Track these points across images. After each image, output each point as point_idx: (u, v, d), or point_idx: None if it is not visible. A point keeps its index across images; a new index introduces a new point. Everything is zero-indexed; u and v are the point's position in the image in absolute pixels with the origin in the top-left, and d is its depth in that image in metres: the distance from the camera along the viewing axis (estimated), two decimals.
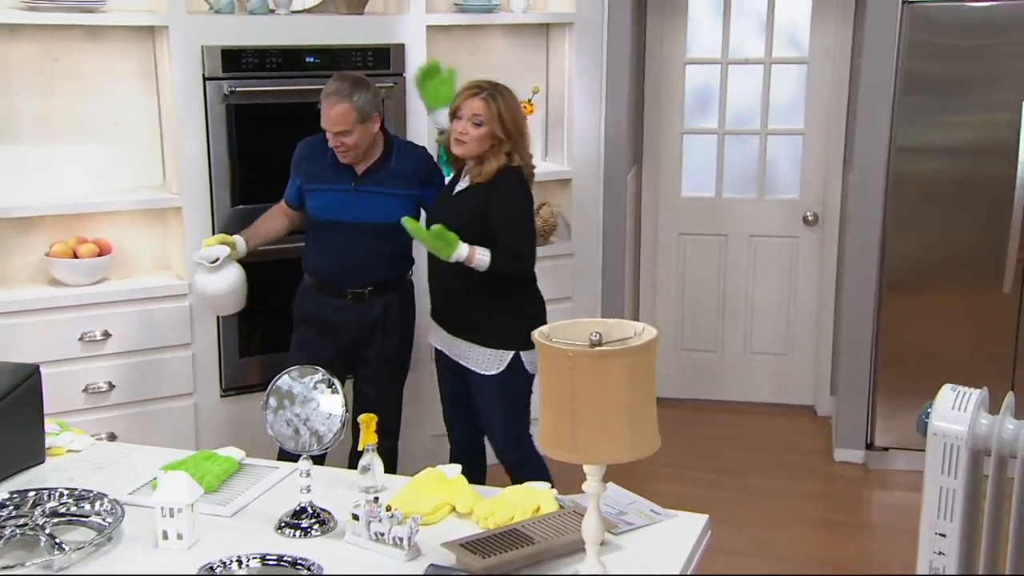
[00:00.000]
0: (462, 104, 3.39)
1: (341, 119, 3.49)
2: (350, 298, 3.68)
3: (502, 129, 3.36)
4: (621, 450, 1.82)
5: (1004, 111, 4.40)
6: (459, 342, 3.50)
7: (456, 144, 3.41)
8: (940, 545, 1.70)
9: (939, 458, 1.68)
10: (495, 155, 3.39)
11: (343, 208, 3.63)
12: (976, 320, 4.62)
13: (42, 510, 2.18)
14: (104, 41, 4.04)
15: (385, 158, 3.66)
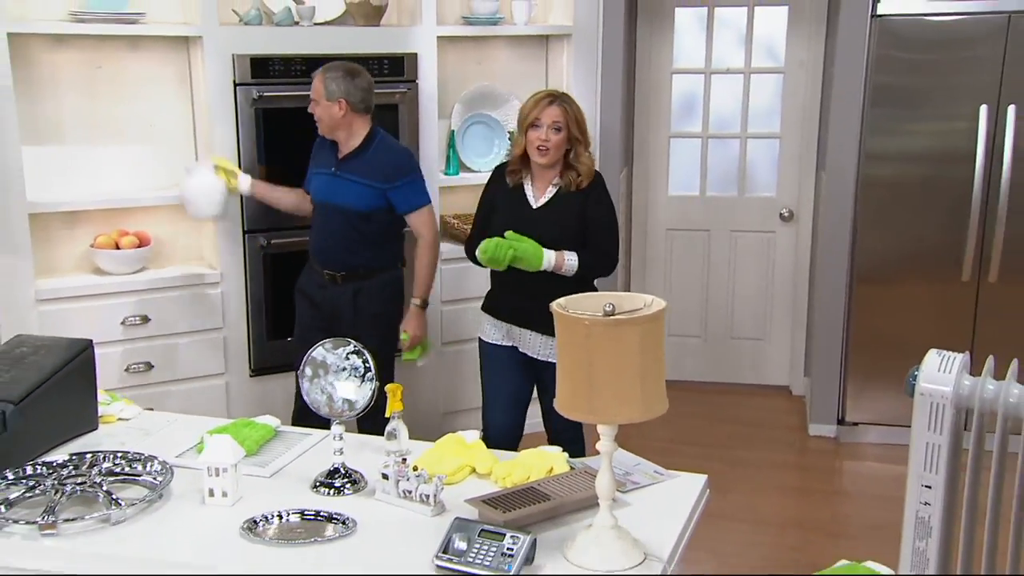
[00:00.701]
0: (540, 114, 3.23)
1: (314, 88, 3.60)
2: (327, 278, 3.71)
3: (579, 130, 3.27)
4: (633, 411, 1.82)
5: (962, 120, 4.41)
6: (544, 338, 3.34)
7: (540, 153, 3.24)
8: (926, 496, 1.70)
9: (926, 416, 1.67)
10: (581, 157, 3.29)
11: (325, 190, 3.68)
12: (938, 307, 4.63)
13: (99, 470, 2.17)
14: (143, 50, 4.03)
15: (363, 148, 3.64)
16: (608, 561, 1.89)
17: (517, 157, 3.35)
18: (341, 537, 2.01)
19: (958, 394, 1.65)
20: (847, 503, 4.37)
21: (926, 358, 1.71)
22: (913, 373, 1.71)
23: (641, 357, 1.80)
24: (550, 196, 3.31)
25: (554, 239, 3.22)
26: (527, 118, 3.25)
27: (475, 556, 1.87)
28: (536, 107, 3.24)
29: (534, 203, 3.33)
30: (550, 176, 3.32)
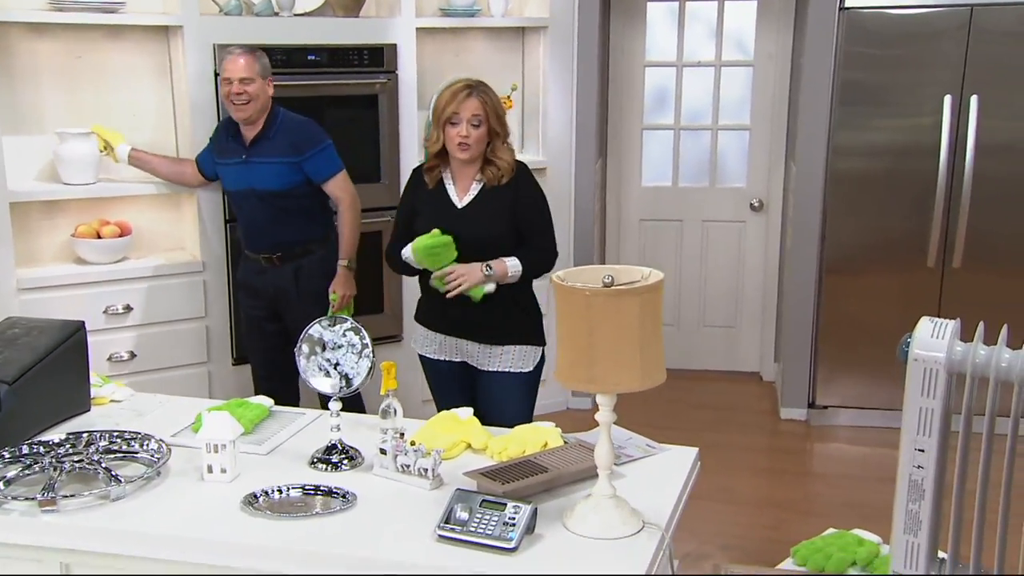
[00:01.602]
0: (459, 108, 2.91)
1: (246, 67, 3.53)
2: (264, 262, 3.68)
3: (498, 123, 2.98)
4: (633, 379, 1.82)
5: (927, 112, 4.47)
6: (490, 348, 3.06)
7: (461, 149, 2.94)
8: (919, 460, 1.71)
9: (919, 381, 1.69)
10: (501, 150, 3.00)
11: (239, 178, 3.65)
12: (904, 293, 4.68)
13: (96, 448, 2.14)
14: (123, 40, 3.97)
15: (266, 129, 3.61)
16: (608, 529, 1.90)
17: (433, 155, 3.03)
18: (342, 510, 1.99)
19: (951, 359, 1.67)
20: (819, 483, 4.42)
21: (919, 325, 1.72)
22: (906, 340, 1.73)
23: (640, 327, 1.80)
24: (475, 193, 3.01)
25: (483, 238, 2.95)
26: (444, 113, 2.93)
27: (477, 525, 1.87)
28: (453, 101, 2.92)
29: (458, 202, 3.02)
30: (472, 172, 3.02)
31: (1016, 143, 4.45)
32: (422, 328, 3.18)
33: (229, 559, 1.88)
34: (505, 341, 3.05)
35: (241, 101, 3.54)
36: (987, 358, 1.68)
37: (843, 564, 2.03)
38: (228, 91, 3.55)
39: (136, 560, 1.91)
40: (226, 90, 3.56)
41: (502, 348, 3.06)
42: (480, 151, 2.98)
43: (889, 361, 4.69)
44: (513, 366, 3.05)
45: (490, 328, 3.03)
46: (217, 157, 3.74)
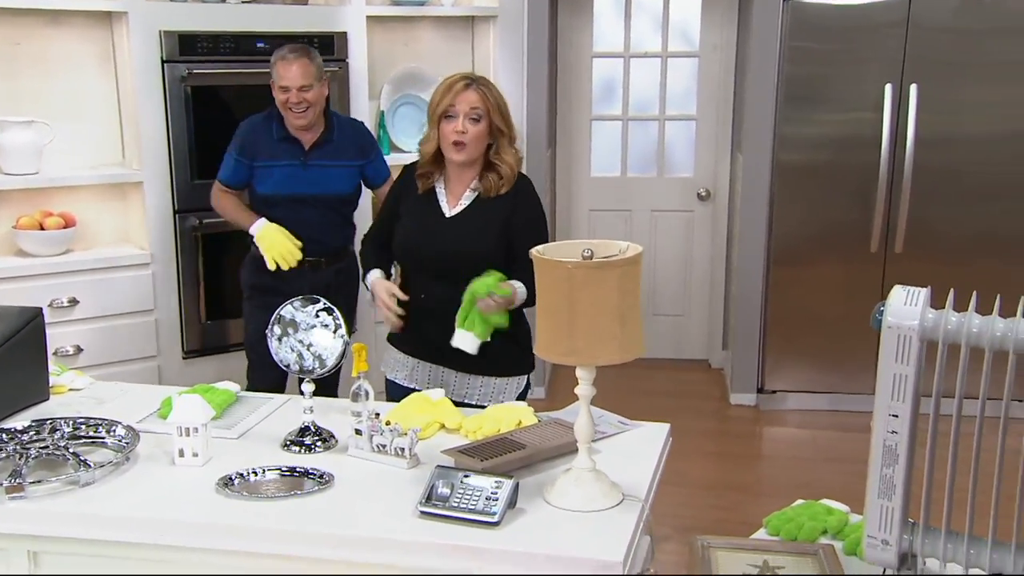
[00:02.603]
0: (455, 100, 2.59)
1: (305, 73, 3.32)
2: (307, 266, 3.45)
3: (502, 120, 2.64)
4: (613, 352, 1.84)
5: (869, 103, 4.58)
6: (469, 378, 2.76)
7: (456, 149, 2.61)
8: (893, 425, 1.75)
9: (893, 348, 1.72)
10: (507, 152, 2.66)
11: (294, 183, 3.44)
12: (849, 279, 4.80)
13: (62, 434, 2.08)
14: (64, 26, 3.88)
15: (328, 132, 3.48)
16: (589, 501, 1.91)
17: (429, 156, 2.69)
18: (320, 490, 1.97)
19: (923, 326, 1.71)
20: (770, 465, 4.50)
21: (892, 293, 1.76)
22: (879, 308, 1.76)
23: (620, 299, 1.82)
24: (467, 203, 2.69)
25: (469, 253, 2.62)
26: (439, 107, 2.61)
27: (459, 501, 1.86)
28: (449, 93, 2.60)
29: (447, 211, 2.70)
30: (468, 178, 2.69)
31: (953, 134, 4.59)
32: (395, 351, 2.87)
33: (206, 540, 1.84)
34: (489, 371, 2.74)
35: (300, 109, 3.34)
36: (958, 325, 1.72)
37: (815, 532, 2.07)
38: (285, 99, 3.33)
39: (109, 545, 1.87)
40: (283, 98, 3.34)
41: (483, 379, 2.76)
42: (478, 152, 2.64)
43: (836, 345, 4.85)
44: (493, 400, 2.72)
45: (475, 357, 2.61)
46: (257, 161, 3.44)
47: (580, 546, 1.78)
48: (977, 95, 4.53)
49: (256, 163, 3.47)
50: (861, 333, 4.79)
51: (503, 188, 2.67)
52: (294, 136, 3.43)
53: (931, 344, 1.77)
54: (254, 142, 3.46)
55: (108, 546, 1.87)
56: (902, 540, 1.80)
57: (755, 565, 1.96)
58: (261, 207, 3.50)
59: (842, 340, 4.83)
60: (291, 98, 3.33)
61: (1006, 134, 4.57)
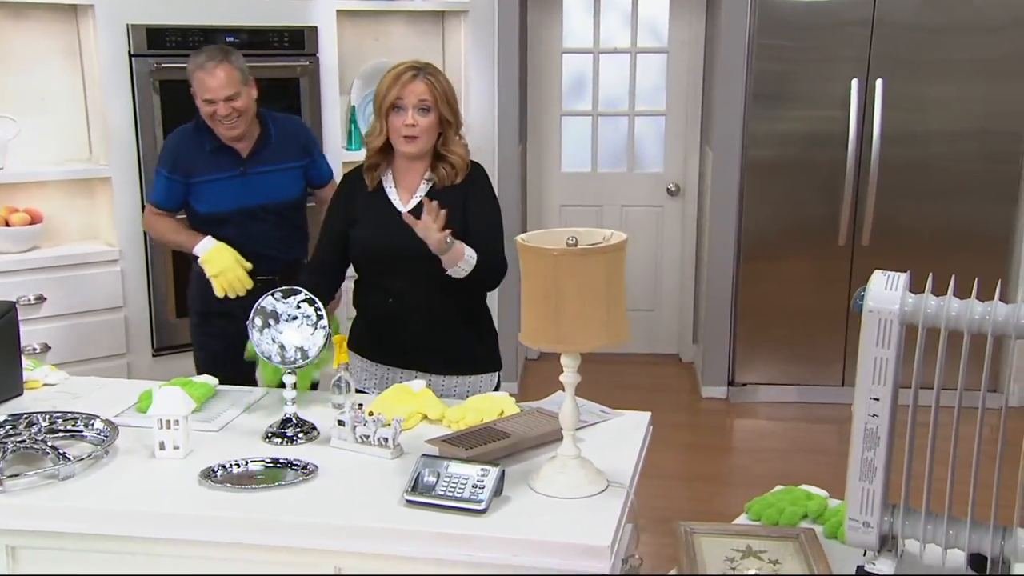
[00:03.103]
0: (402, 92, 2.49)
1: (229, 80, 2.94)
2: (259, 285, 2.99)
3: (450, 110, 2.55)
4: (599, 338, 1.85)
5: (837, 99, 4.64)
6: (443, 379, 2.67)
7: (407, 142, 2.52)
8: (874, 408, 1.78)
9: (874, 332, 1.75)
10: (454, 143, 2.58)
11: (237, 196, 3.08)
12: (818, 273, 4.86)
13: (39, 428, 2.05)
14: (28, 20, 3.82)
15: (266, 134, 3.12)
16: (575, 488, 1.92)
17: (375, 150, 2.60)
18: (304, 481, 1.96)
19: (904, 310, 1.74)
20: (743, 456, 4.55)
21: (872, 278, 1.79)
22: (860, 293, 1.79)
23: (606, 286, 1.83)
24: (422, 195, 2.56)
25: (427, 247, 2.43)
26: (386, 99, 2.51)
27: (446, 489, 1.86)
28: (396, 84, 2.50)
29: (401, 206, 2.60)
30: (418, 171, 2.60)
31: (918, 130, 4.66)
32: (363, 360, 2.72)
33: (190, 532, 1.83)
34: (463, 370, 2.67)
35: (231, 121, 2.98)
36: (937, 308, 1.75)
37: (795, 517, 2.09)
38: (212, 111, 2.97)
39: (90, 539, 1.85)
40: (209, 111, 2.98)
41: (456, 379, 2.67)
42: (429, 144, 2.55)
43: (805, 338, 4.90)
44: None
45: (445, 356, 2.59)
46: (193, 177, 3.09)
47: (567, 532, 1.79)
48: (942, 91, 4.61)
49: (192, 180, 3.10)
50: (830, 325, 4.88)
51: (457, 178, 2.59)
52: (229, 145, 3.08)
53: (910, 328, 1.80)
54: (186, 157, 3.10)
55: (89, 540, 1.85)
56: (883, 522, 1.83)
57: (738, 550, 1.98)
58: (203, 227, 3.11)
59: (811, 332, 4.89)
60: (219, 110, 2.96)
61: (970, 130, 4.64)
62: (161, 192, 3.15)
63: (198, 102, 3.02)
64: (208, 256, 3.02)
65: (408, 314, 2.60)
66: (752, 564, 1.93)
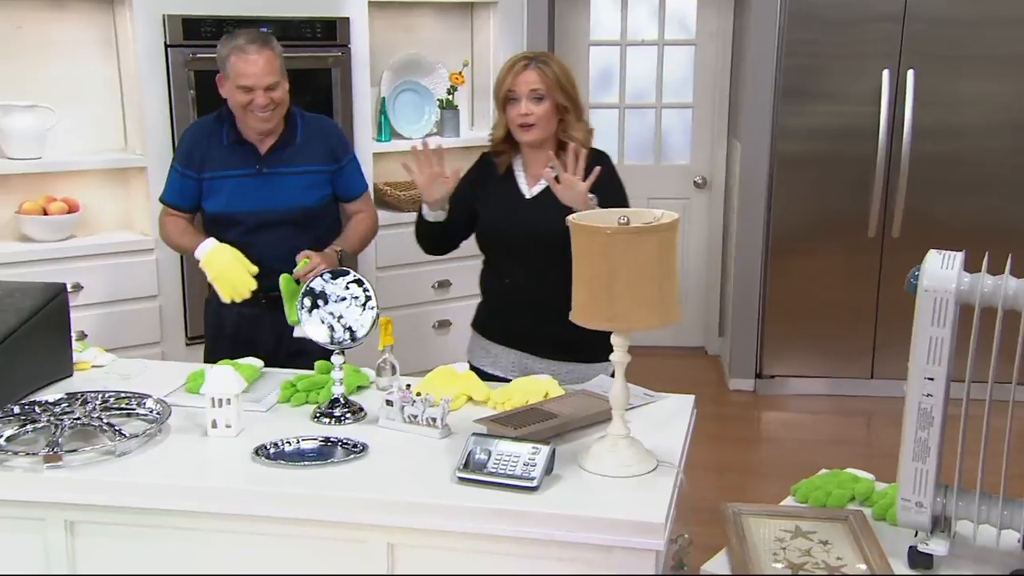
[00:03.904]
0: (515, 83, 2.57)
1: (269, 69, 2.72)
2: (264, 303, 2.77)
3: (565, 96, 2.59)
4: (652, 317, 1.85)
5: (865, 100, 4.63)
6: (555, 365, 2.67)
7: (523, 131, 2.59)
8: (928, 388, 1.77)
9: (929, 312, 1.74)
10: (575, 129, 2.62)
11: (249, 196, 2.83)
12: (847, 264, 4.85)
13: (93, 406, 2.06)
14: (66, 10, 3.84)
15: (290, 132, 2.88)
16: (625, 467, 1.92)
17: (499, 140, 2.69)
18: (356, 458, 1.97)
19: (960, 289, 1.74)
20: (773, 448, 4.54)
21: (927, 257, 1.78)
22: (914, 273, 1.78)
23: (659, 265, 1.83)
24: (547, 183, 2.57)
25: (549, 235, 2.37)
26: (501, 90, 2.61)
27: (497, 467, 1.87)
28: (509, 75, 2.59)
29: (527, 192, 2.68)
30: (544, 158, 2.60)
31: (950, 124, 4.64)
32: (480, 338, 2.81)
33: (244, 507, 1.84)
34: (579, 357, 2.64)
35: (266, 113, 2.76)
36: (994, 287, 1.75)
37: (843, 499, 2.09)
38: (248, 101, 2.73)
39: (145, 513, 1.86)
40: (244, 100, 2.74)
41: (569, 366, 2.67)
42: (547, 131, 2.60)
43: (834, 330, 4.89)
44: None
45: (562, 342, 2.55)
46: (206, 172, 2.87)
47: (620, 509, 1.79)
48: (974, 85, 4.59)
49: (204, 175, 2.86)
50: (859, 318, 4.87)
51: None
52: (247, 139, 2.86)
53: (965, 307, 1.80)
54: (201, 149, 2.87)
55: (146, 514, 1.87)
56: (935, 502, 1.83)
57: (787, 530, 1.97)
58: (212, 230, 2.89)
59: (840, 325, 4.87)
60: (257, 100, 2.73)
61: (1003, 124, 4.62)
62: (173, 189, 2.92)
63: (226, 90, 2.81)
64: (208, 258, 2.76)
65: (524, 298, 2.66)
66: (802, 544, 1.92)
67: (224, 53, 2.79)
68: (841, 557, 1.86)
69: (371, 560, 1.84)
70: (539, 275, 2.53)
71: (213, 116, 2.94)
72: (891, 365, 4.78)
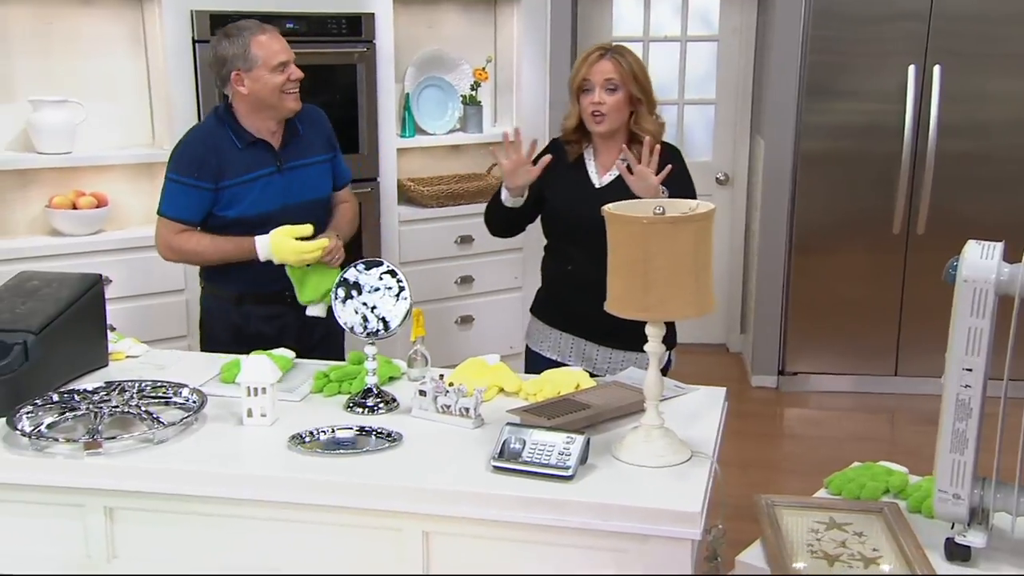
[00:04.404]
0: (589, 73, 2.63)
1: (288, 48, 2.71)
2: (290, 301, 2.76)
3: (639, 88, 2.64)
4: (687, 307, 1.85)
5: (891, 98, 4.61)
6: (611, 352, 2.75)
7: (594, 121, 2.64)
8: (967, 379, 1.76)
9: (968, 302, 1.74)
10: (646, 121, 2.67)
11: (270, 195, 2.75)
12: (871, 261, 4.83)
13: (130, 394, 2.08)
14: (95, 7, 3.87)
15: (292, 124, 2.82)
16: (659, 457, 1.92)
17: (570, 130, 2.74)
18: (390, 448, 1.98)
19: (999, 279, 1.73)
20: (796, 444, 4.52)
21: (966, 248, 1.77)
22: (953, 264, 1.78)
23: (695, 255, 1.83)
24: (617, 173, 2.65)
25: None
26: (576, 80, 2.67)
27: (532, 456, 1.87)
28: (584, 65, 2.65)
29: (597, 182, 2.72)
30: (614, 149, 2.67)
31: (976, 121, 4.61)
32: (539, 323, 2.85)
33: (281, 494, 1.85)
34: (633, 346, 2.49)
35: (294, 92, 2.71)
36: None
37: (877, 492, 2.08)
38: (286, 78, 2.68)
39: (183, 500, 1.87)
40: (280, 79, 2.66)
41: (625, 354, 2.72)
42: (619, 122, 2.66)
43: (858, 327, 4.86)
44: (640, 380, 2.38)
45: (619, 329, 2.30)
46: (223, 180, 2.72)
47: (656, 498, 1.79)
48: (1000, 82, 4.56)
49: (223, 184, 2.72)
50: (883, 315, 4.84)
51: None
52: (260, 137, 2.75)
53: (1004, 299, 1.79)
54: (214, 158, 2.71)
55: (183, 501, 1.88)
56: (973, 494, 1.82)
57: (821, 522, 1.97)
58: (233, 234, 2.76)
59: (864, 322, 4.85)
60: (294, 72, 2.69)
61: None
62: (187, 205, 2.73)
63: (251, 82, 2.67)
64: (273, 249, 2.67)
65: (584, 285, 2.59)
66: (837, 536, 1.92)
67: (239, 46, 2.69)
68: (877, 548, 1.86)
69: (406, 548, 1.85)
70: (600, 263, 2.49)
71: (211, 122, 2.80)
72: (915, 362, 4.75)
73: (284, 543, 1.89)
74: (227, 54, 2.69)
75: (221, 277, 2.85)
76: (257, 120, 2.74)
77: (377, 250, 4.23)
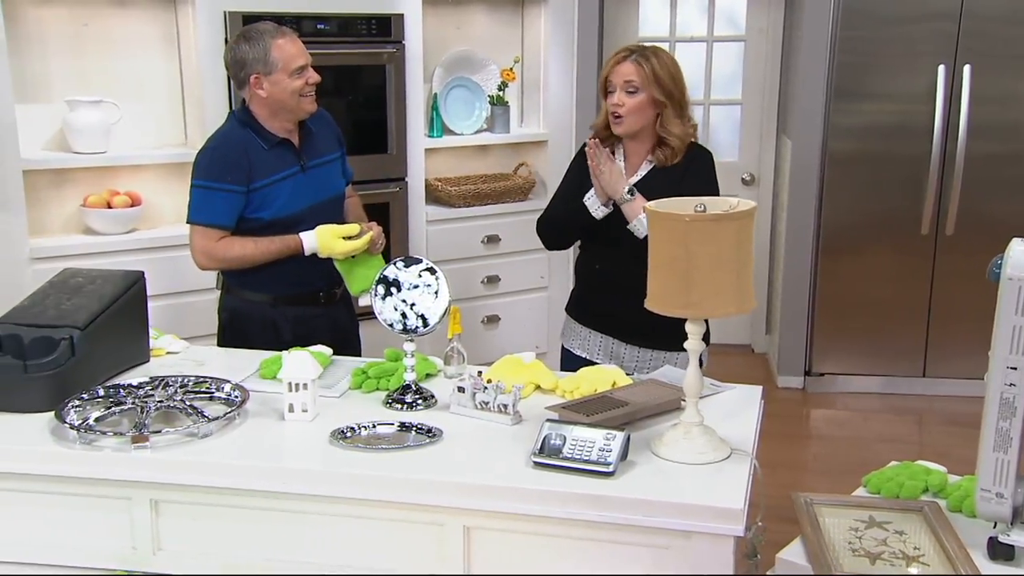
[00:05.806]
0: (611, 73, 2.64)
1: (306, 52, 2.74)
2: (323, 302, 2.84)
3: (662, 91, 2.60)
4: (728, 304, 1.85)
5: (919, 98, 4.59)
6: (640, 352, 2.76)
7: (614, 122, 2.64)
8: (1011, 377, 1.75)
9: (1013, 300, 1.73)
10: (672, 124, 2.64)
11: (303, 195, 2.77)
12: (900, 262, 4.81)
13: (174, 390, 2.10)
14: (129, 8, 3.90)
15: (306, 125, 2.83)
16: (700, 454, 1.92)
17: (601, 125, 2.73)
18: (431, 443, 1.99)
19: None
20: (824, 444, 4.50)
21: (1011, 246, 1.77)
22: (996, 262, 1.77)
23: (736, 252, 1.83)
24: (643, 174, 2.67)
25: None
26: (601, 80, 2.69)
27: (572, 452, 1.88)
28: (608, 66, 2.66)
29: (631, 181, 2.70)
30: (643, 150, 2.68)
31: (1006, 122, 4.58)
32: (573, 322, 2.86)
33: (324, 488, 1.87)
34: (664, 345, 2.69)
35: (312, 92, 2.74)
36: None
37: (916, 491, 2.07)
38: (303, 82, 2.70)
39: (227, 493, 1.89)
40: (299, 83, 2.68)
41: (653, 353, 2.74)
42: (638, 125, 2.63)
43: (885, 328, 4.84)
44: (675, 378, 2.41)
45: (649, 329, 2.42)
46: (254, 183, 2.71)
47: (698, 494, 1.79)
48: None
49: (255, 186, 2.71)
50: (912, 316, 4.82)
51: (675, 159, 2.66)
52: (283, 137, 2.77)
53: None
54: (247, 160, 2.71)
55: (227, 494, 1.90)
56: (1017, 493, 1.81)
57: (861, 520, 1.96)
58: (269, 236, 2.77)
59: (892, 323, 4.82)
60: (312, 75, 2.71)
61: None
62: (222, 210, 2.71)
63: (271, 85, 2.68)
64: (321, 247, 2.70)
65: (614, 284, 2.67)
66: (877, 534, 1.91)
67: (259, 50, 2.68)
68: (919, 547, 1.85)
69: (448, 543, 1.86)
70: (630, 263, 2.48)
71: (234, 125, 2.80)
72: (944, 364, 4.72)
73: (326, 537, 1.91)
74: (247, 57, 2.69)
75: (254, 280, 2.84)
76: (275, 122, 2.76)
77: (404, 250, 4.23)
